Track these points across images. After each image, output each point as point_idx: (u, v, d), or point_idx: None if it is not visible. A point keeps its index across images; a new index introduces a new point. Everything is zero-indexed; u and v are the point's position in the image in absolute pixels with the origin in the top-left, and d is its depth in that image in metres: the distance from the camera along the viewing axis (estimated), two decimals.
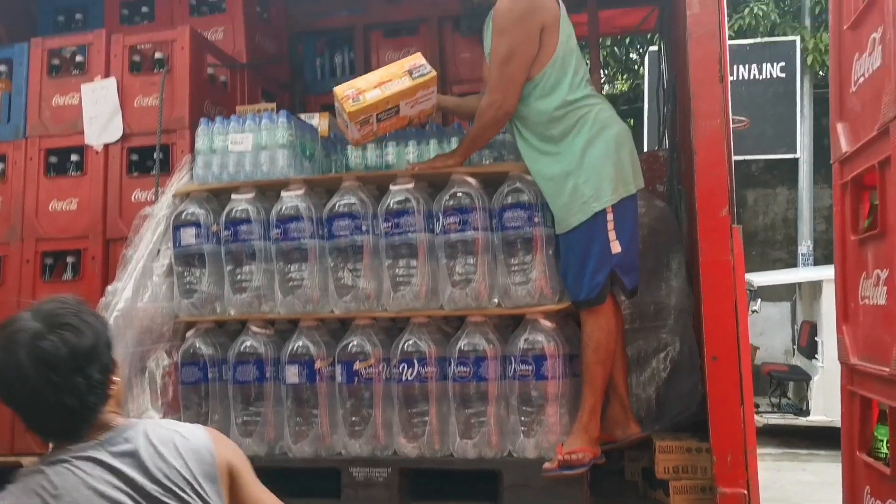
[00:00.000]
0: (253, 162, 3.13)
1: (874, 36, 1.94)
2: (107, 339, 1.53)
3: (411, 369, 2.82)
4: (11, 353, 1.44)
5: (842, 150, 2.38)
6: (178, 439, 1.54)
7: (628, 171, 2.77)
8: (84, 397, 1.46)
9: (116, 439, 1.50)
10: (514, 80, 2.76)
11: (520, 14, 2.74)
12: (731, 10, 10.87)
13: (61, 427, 1.49)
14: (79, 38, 3.66)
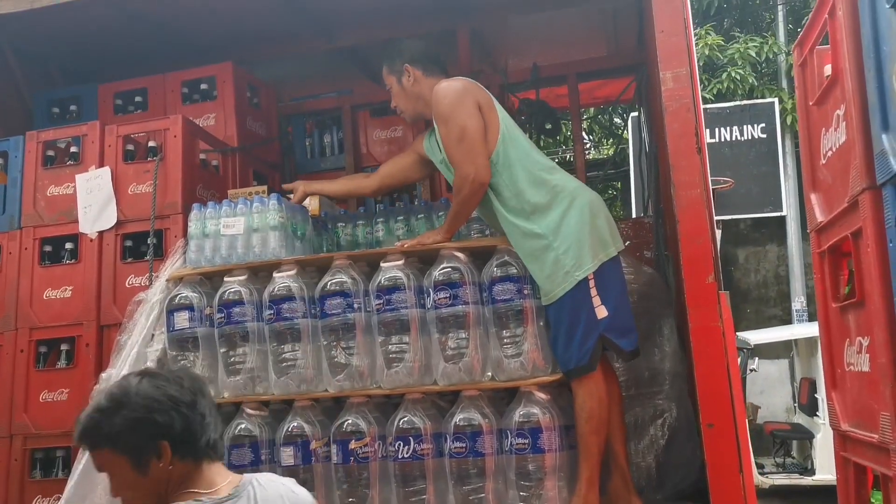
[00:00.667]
0: (245, 244, 3.17)
1: (838, 112, 2.02)
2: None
3: (407, 446, 2.80)
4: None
5: (817, 220, 2.44)
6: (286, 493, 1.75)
7: (606, 235, 2.83)
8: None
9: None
10: (474, 150, 2.86)
11: (454, 97, 2.90)
12: (710, 76, 11.18)
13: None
14: (73, 130, 3.73)
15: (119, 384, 1.77)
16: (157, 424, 1.69)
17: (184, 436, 1.71)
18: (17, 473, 3.45)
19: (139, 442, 1.69)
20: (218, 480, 1.74)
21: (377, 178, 3.36)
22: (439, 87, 2.95)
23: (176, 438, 1.70)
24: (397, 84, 3.14)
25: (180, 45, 4.16)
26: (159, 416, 1.69)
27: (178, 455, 1.70)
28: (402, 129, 4.50)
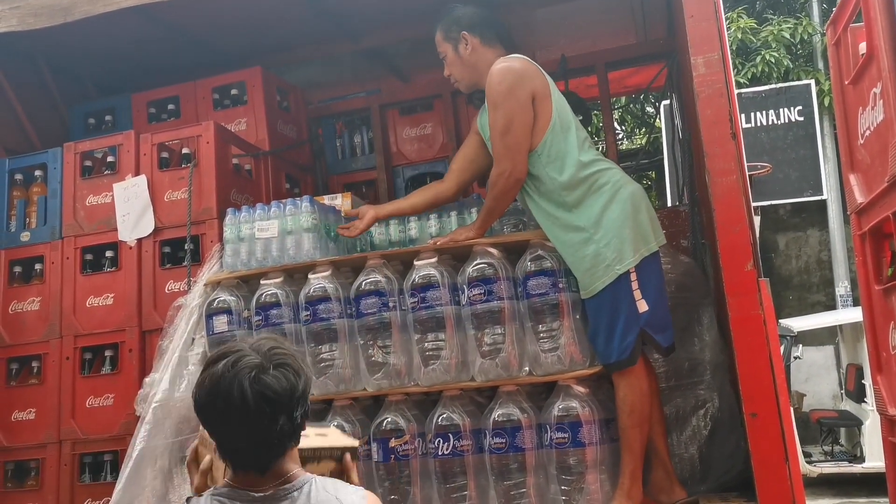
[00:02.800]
0: (280, 247, 3.20)
1: (874, 91, 1.96)
2: (308, 385, 1.65)
3: (447, 443, 2.81)
4: (237, 381, 1.55)
5: (857, 202, 2.38)
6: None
7: (647, 229, 2.79)
8: (283, 438, 1.59)
9: (279, 495, 1.60)
10: (517, 147, 2.82)
11: (509, 85, 2.82)
12: (744, 59, 10.98)
13: (255, 460, 1.61)
14: (109, 140, 3.80)
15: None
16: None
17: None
18: (66, 478, 3.53)
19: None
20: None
21: (452, 178, 3.19)
22: (497, 68, 2.85)
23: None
24: (453, 52, 3.04)
25: (210, 52, 4.21)
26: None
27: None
28: (431, 127, 4.50)
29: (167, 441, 3.07)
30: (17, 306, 3.76)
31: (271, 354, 1.61)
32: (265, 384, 1.55)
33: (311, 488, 1.63)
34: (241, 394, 1.54)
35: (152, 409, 3.07)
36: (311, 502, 1.60)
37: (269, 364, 1.58)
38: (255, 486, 1.62)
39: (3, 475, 3.67)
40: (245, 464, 1.62)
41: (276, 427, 1.57)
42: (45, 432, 3.59)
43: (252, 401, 1.54)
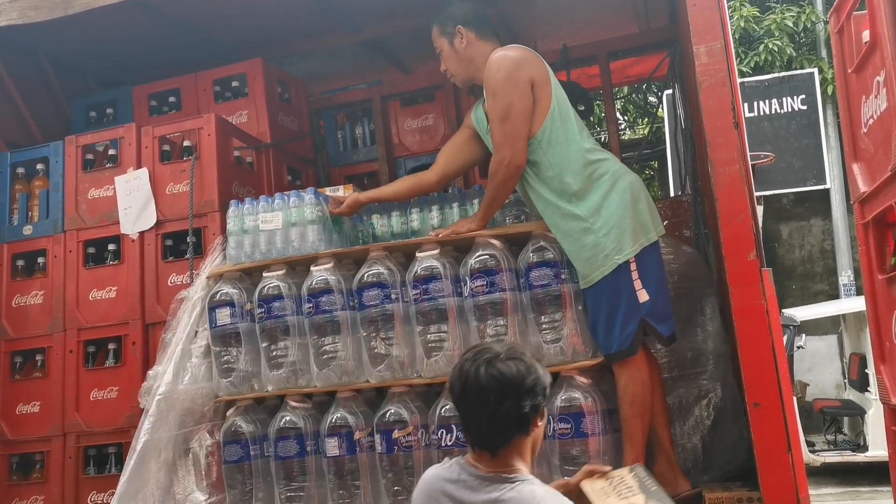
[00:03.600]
0: (284, 239, 3.20)
1: (878, 79, 1.96)
2: (543, 389, 1.88)
3: (450, 434, 2.81)
4: (475, 366, 1.85)
5: (860, 191, 2.38)
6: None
7: (647, 220, 2.78)
8: (508, 422, 1.83)
9: (494, 480, 1.84)
10: (516, 134, 2.81)
11: (507, 72, 2.82)
12: (746, 48, 10.93)
13: (483, 438, 1.87)
14: (110, 133, 3.80)
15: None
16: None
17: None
18: (71, 470, 3.55)
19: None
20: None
21: (437, 169, 3.19)
22: (495, 56, 2.86)
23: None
24: (448, 46, 3.04)
25: (210, 44, 4.19)
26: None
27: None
28: (432, 118, 4.49)
29: (171, 433, 3.08)
30: (21, 300, 3.76)
31: (509, 349, 1.89)
32: (498, 369, 1.83)
33: (522, 487, 1.82)
34: (476, 375, 1.84)
35: (156, 402, 3.07)
36: (512, 498, 1.80)
37: (504, 355, 1.86)
38: (483, 466, 1.87)
39: (9, 468, 3.69)
40: (475, 441, 1.88)
41: (503, 409, 1.82)
42: (49, 425, 3.60)
43: (485, 381, 1.82)
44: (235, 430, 3.07)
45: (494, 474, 1.85)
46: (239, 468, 3.07)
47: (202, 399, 3.17)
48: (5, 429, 3.68)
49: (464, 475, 1.88)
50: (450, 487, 1.87)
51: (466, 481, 1.86)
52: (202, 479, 3.13)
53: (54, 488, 3.56)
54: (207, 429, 3.18)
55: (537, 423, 1.88)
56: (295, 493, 2.99)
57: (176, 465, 3.11)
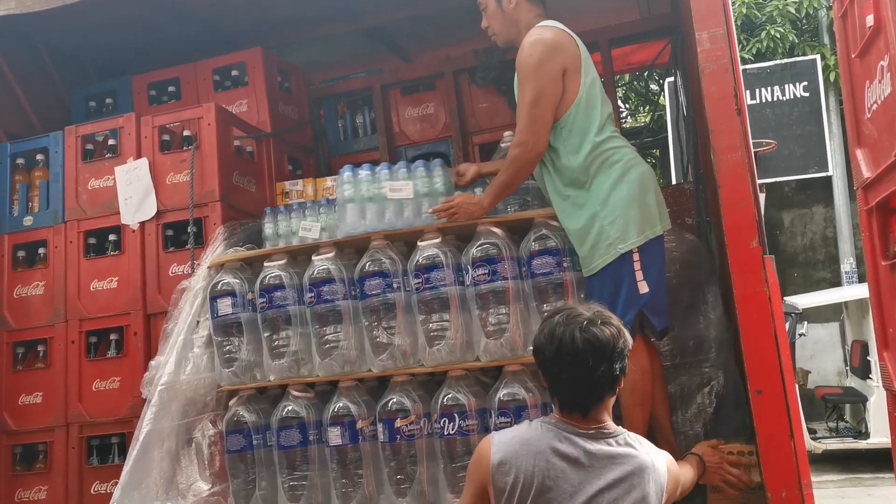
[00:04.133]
0: (415, 210, 3.13)
1: (882, 63, 1.94)
2: (629, 350, 1.95)
3: (452, 423, 2.81)
4: (569, 329, 1.89)
5: (863, 176, 2.36)
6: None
7: (654, 212, 2.77)
8: (602, 383, 1.89)
9: (599, 435, 1.92)
10: (542, 121, 2.79)
11: (540, 58, 2.78)
12: (748, 35, 10.88)
13: (579, 400, 1.92)
14: (110, 123, 3.79)
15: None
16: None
17: None
18: (75, 460, 3.56)
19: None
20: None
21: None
22: (530, 39, 2.82)
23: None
24: (496, 4, 2.97)
25: (210, 33, 4.18)
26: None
27: None
28: (433, 106, 4.47)
29: (174, 423, 3.08)
30: (22, 291, 3.77)
31: (599, 313, 1.93)
32: (593, 333, 1.87)
33: (627, 438, 1.94)
34: (571, 339, 1.87)
35: (158, 392, 3.07)
36: (625, 447, 1.91)
37: (597, 319, 1.90)
38: (580, 425, 1.92)
39: (12, 459, 3.70)
40: (571, 403, 1.93)
41: (598, 372, 1.86)
42: (52, 416, 3.61)
43: (581, 345, 1.86)
44: (238, 420, 3.08)
45: (596, 431, 1.92)
46: (242, 457, 3.07)
47: (204, 389, 3.18)
48: (8, 419, 3.69)
49: (566, 434, 1.92)
50: (561, 446, 1.90)
51: (573, 440, 1.90)
52: (205, 468, 3.14)
53: (58, 479, 3.57)
54: (210, 419, 3.18)
55: (622, 382, 1.95)
56: (298, 483, 2.99)
57: (179, 454, 3.12)
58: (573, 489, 1.85)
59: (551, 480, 1.86)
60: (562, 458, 1.88)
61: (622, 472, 1.88)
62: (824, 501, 5.94)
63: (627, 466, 1.89)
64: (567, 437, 1.90)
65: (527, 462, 1.89)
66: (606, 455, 1.89)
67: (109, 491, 3.26)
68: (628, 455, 1.91)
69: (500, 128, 3.94)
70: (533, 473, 1.87)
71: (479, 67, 4.30)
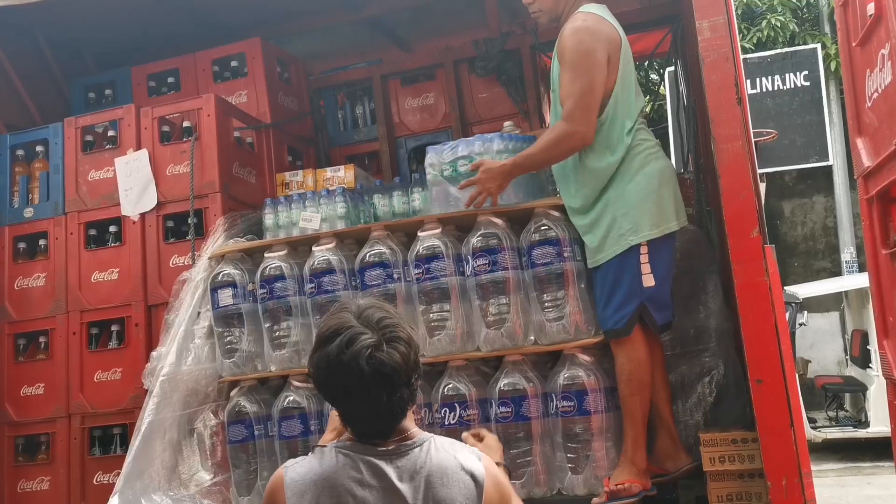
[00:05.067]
0: None
1: (883, 52, 1.93)
2: (418, 351, 1.68)
3: (453, 413, 2.82)
4: (354, 362, 1.58)
5: (864, 165, 2.36)
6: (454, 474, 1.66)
7: (669, 208, 2.74)
8: (403, 404, 1.64)
9: (401, 450, 1.66)
10: (593, 110, 2.72)
11: (589, 44, 2.72)
12: (749, 24, 10.84)
13: (377, 429, 1.66)
14: (110, 114, 3.79)
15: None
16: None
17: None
18: (77, 451, 3.57)
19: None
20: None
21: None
22: (573, 26, 2.75)
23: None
24: None
25: (209, 23, 4.17)
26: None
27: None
28: (433, 97, 4.47)
29: (175, 414, 3.09)
30: (23, 282, 3.77)
31: (382, 328, 1.63)
32: (380, 362, 1.58)
33: (431, 446, 1.69)
34: (359, 373, 1.58)
35: (160, 383, 3.08)
36: (432, 458, 1.66)
37: (381, 340, 1.61)
38: (377, 443, 1.67)
39: (14, 449, 3.72)
40: (368, 433, 1.68)
41: (396, 397, 1.62)
42: (54, 407, 3.62)
43: (370, 378, 1.58)
44: (239, 411, 3.09)
45: (396, 445, 1.67)
46: (243, 448, 3.09)
47: (206, 380, 3.19)
48: (10, 411, 3.70)
49: (365, 457, 1.66)
50: (360, 475, 1.64)
51: (372, 462, 1.65)
52: (207, 458, 3.16)
53: (60, 469, 3.58)
54: (211, 409, 3.19)
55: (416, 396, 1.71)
56: None
57: (181, 445, 3.13)
58: None
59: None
60: (364, 487, 1.63)
61: (428, 481, 1.64)
62: (824, 490, 5.96)
63: (432, 473, 1.65)
64: (365, 461, 1.65)
65: (327, 502, 1.63)
66: (411, 469, 1.65)
67: (111, 481, 3.28)
68: (431, 461, 1.66)
69: (500, 118, 3.93)
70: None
71: (478, 57, 4.29)
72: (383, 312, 1.67)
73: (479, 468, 1.68)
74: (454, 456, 1.68)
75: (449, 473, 1.65)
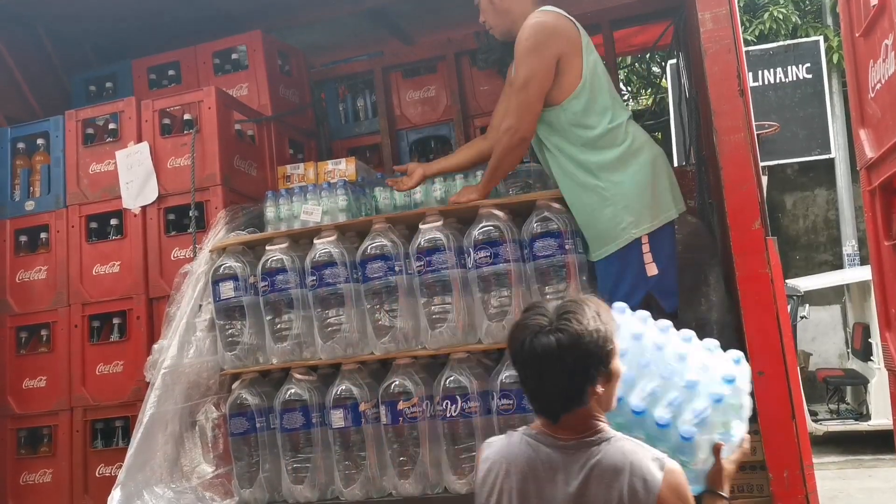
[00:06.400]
0: None
1: (886, 42, 1.93)
2: (595, 350, 1.72)
3: (455, 405, 2.83)
4: (522, 338, 1.75)
5: (867, 157, 2.35)
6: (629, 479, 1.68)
7: (667, 196, 2.76)
8: (559, 394, 1.73)
9: (580, 445, 1.74)
10: (528, 106, 2.79)
11: (535, 43, 2.78)
12: (751, 16, 10.81)
13: (542, 407, 1.78)
14: (110, 107, 3.77)
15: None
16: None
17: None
18: (79, 444, 3.57)
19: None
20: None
21: (492, 135, 3.12)
22: (528, 23, 2.81)
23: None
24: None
25: (210, 16, 4.15)
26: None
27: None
28: (435, 89, 4.45)
29: (177, 406, 3.10)
30: (25, 275, 3.77)
31: (560, 315, 1.74)
32: (540, 342, 1.71)
33: (610, 448, 1.73)
34: (521, 346, 1.74)
35: (161, 375, 3.09)
36: (606, 457, 1.71)
37: (551, 326, 1.72)
38: (558, 434, 1.77)
39: (17, 442, 3.72)
40: (538, 410, 1.79)
41: (547, 383, 1.72)
42: (56, 399, 3.62)
43: (527, 354, 1.73)
44: (241, 403, 3.09)
45: (577, 441, 1.75)
46: (245, 440, 3.09)
47: (207, 372, 3.19)
48: (13, 403, 3.71)
49: (542, 444, 1.78)
50: (535, 458, 1.77)
51: (547, 451, 1.76)
52: (209, 451, 3.16)
53: (62, 462, 3.59)
54: (213, 402, 3.19)
55: (596, 391, 1.74)
56: (301, 465, 3.01)
57: (182, 437, 3.13)
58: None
59: (524, 498, 1.75)
60: (540, 473, 1.75)
61: (595, 480, 1.70)
62: (825, 482, 5.96)
63: (602, 473, 1.70)
64: (543, 450, 1.76)
65: (505, 481, 1.77)
66: (582, 464, 1.72)
67: (114, 474, 3.28)
68: (605, 460, 1.71)
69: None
70: (511, 493, 1.76)
71: (480, 50, 4.25)
72: (574, 307, 1.76)
73: (655, 476, 1.67)
74: (630, 462, 1.70)
75: (619, 476, 1.68)
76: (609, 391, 1.77)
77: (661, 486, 1.66)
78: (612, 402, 1.82)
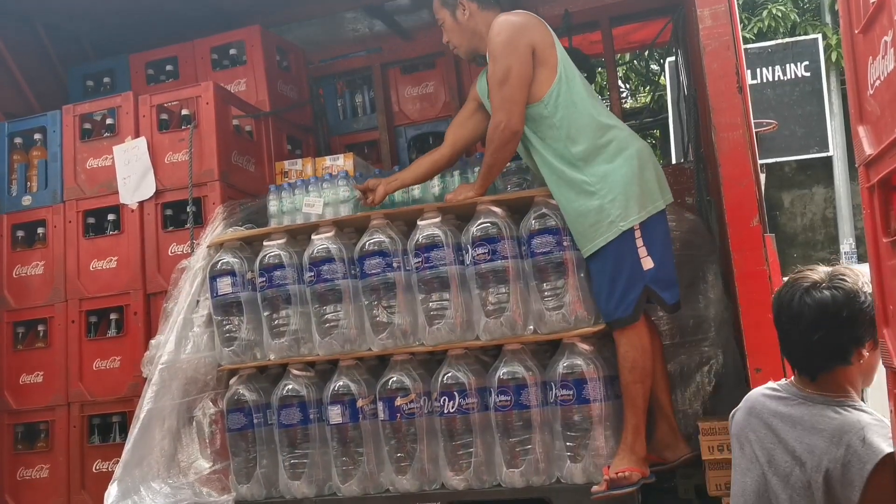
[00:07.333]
0: None
1: (885, 39, 1.92)
2: (868, 319, 1.76)
3: (452, 402, 2.83)
4: (790, 293, 1.84)
5: (865, 153, 2.34)
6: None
7: (654, 187, 2.76)
8: (819, 351, 1.79)
9: (815, 399, 1.82)
10: (513, 99, 2.79)
11: (508, 37, 2.80)
12: (750, 14, 10.80)
13: (798, 361, 1.87)
14: (108, 102, 3.76)
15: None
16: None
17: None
18: (76, 440, 3.57)
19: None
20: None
21: (447, 144, 3.15)
22: (497, 21, 2.84)
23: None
24: (451, 18, 2.99)
25: (208, 11, 4.15)
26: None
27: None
28: (433, 85, 4.45)
29: (174, 402, 3.10)
30: (22, 270, 3.76)
31: (832, 276, 1.83)
32: (813, 297, 1.79)
33: (851, 413, 1.77)
34: (789, 302, 1.83)
35: (159, 371, 3.08)
36: (836, 420, 1.76)
37: (820, 285, 1.81)
38: (807, 390, 1.84)
39: (14, 438, 3.72)
40: (794, 364, 1.89)
41: (815, 337, 1.78)
42: (53, 395, 3.62)
43: (796, 309, 1.81)
44: (238, 399, 3.09)
45: (818, 395, 1.83)
46: (242, 436, 3.09)
47: (205, 368, 3.19)
48: (9, 399, 3.70)
49: (785, 393, 1.88)
50: (769, 402, 1.89)
51: (787, 399, 1.86)
52: (206, 446, 3.16)
53: (59, 457, 3.59)
54: (210, 397, 3.20)
55: (862, 354, 1.79)
56: (298, 461, 3.01)
57: (180, 433, 3.13)
58: (774, 447, 1.84)
59: (762, 445, 1.86)
60: (778, 421, 1.85)
61: (813, 438, 1.77)
62: None
63: (823, 434, 1.76)
64: (782, 398, 1.88)
65: (740, 416, 1.96)
66: (812, 421, 1.79)
67: (111, 469, 3.28)
68: (833, 422, 1.76)
69: None
70: (752, 440, 1.89)
71: None
72: (847, 270, 1.85)
73: (877, 450, 1.68)
74: (865, 424, 1.74)
75: (844, 436, 1.73)
76: (872, 360, 1.82)
77: (877, 462, 1.67)
78: (871, 375, 1.87)
